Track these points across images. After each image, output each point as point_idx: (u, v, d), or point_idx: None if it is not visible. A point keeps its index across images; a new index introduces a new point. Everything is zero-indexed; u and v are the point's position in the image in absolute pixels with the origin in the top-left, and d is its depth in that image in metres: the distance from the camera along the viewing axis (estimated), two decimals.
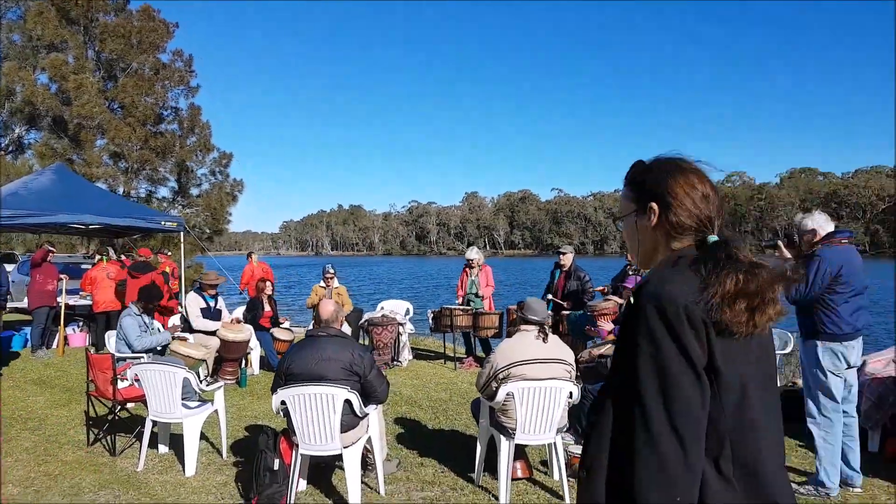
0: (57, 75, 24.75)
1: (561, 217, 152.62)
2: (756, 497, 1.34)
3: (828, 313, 4.28)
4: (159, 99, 26.79)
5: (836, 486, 4.36)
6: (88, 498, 4.37)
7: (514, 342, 4.43)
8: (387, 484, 4.59)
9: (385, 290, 34.74)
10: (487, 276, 9.41)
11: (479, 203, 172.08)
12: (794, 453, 5.39)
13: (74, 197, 10.92)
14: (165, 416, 4.94)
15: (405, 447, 5.50)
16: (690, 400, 1.28)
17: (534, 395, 4.24)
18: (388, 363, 8.88)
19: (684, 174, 1.54)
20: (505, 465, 4.30)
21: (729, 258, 1.36)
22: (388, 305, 10.27)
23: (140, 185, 27.98)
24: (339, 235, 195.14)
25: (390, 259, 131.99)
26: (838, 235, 4.37)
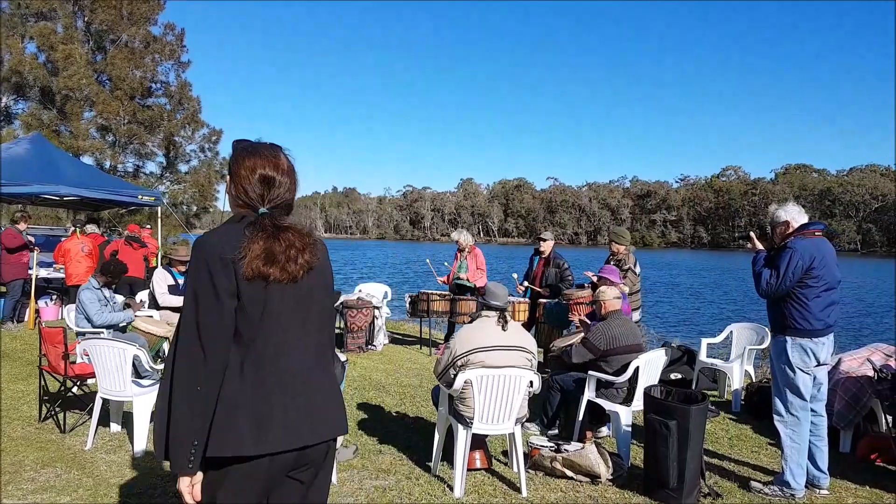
0: (45, 45, 24.33)
1: (555, 206, 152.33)
2: (262, 385, 1.86)
3: (798, 308, 4.15)
4: (148, 72, 26.39)
5: (802, 487, 4.25)
6: (28, 476, 4.20)
7: (473, 328, 4.28)
8: (340, 471, 4.45)
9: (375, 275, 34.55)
10: (477, 259, 9.06)
11: (475, 190, 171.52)
12: (764, 451, 5.28)
13: (50, 168, 10.71)
14: (116, 394, 4.78)
15: (366, 433, 5.36)
16: (213, 318, 1.79)
17: (492, 383, 4.10)
18: (362, 347, 8.73)
19: (251, 158, 1.99)
20: (461, 455, 4.16)
21: (266, 226, 1.89)
22: (365, 288, 10.10)
23: (127, 160, 27.63)
24: (333, 217, 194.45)
25: (384, 243, 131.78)
26: (811, 227, 4.23)
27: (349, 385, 6.91)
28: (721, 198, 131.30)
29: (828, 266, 4.15)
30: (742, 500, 4.24)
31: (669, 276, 41.35)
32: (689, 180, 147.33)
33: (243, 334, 1.85)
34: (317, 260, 1.99)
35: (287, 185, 2.02)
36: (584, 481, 4.42)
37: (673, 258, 74.01)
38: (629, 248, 7.43)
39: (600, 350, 5.06)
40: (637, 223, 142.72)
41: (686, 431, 4.07)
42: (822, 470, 4.36)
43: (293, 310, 1.94)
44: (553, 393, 5.38)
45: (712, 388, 7.28)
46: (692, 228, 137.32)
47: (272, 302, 1.88)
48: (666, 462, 4.10)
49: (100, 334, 6.00)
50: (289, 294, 1.92)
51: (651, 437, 4.24)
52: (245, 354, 1.86)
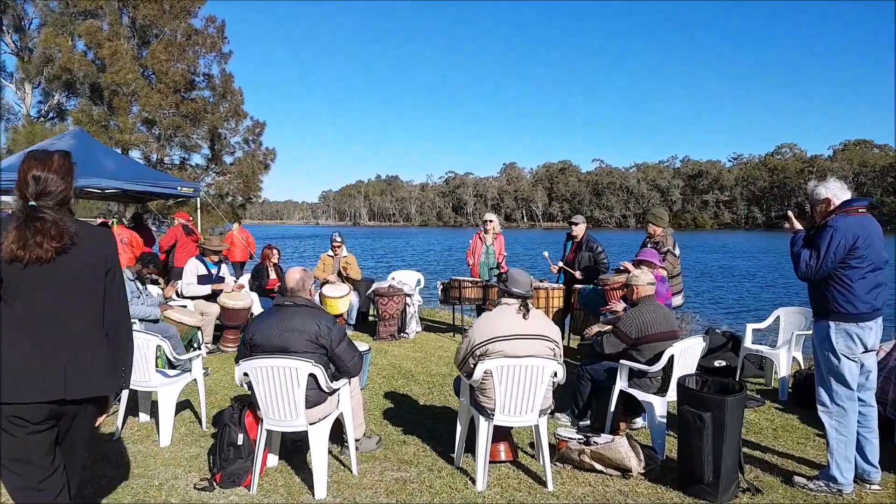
0: (92, 42, 24.95)
1: (602, 189, 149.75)
2: (17, 346, 2.31)
3: (842, 291, 3.85)
4: (191, 65, 26.84)
5: (850, 482, 3.96)
6: None
7: (493, 316, 4.11)
8: (362, 462, 4.36)
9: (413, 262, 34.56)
10: (500, 246, 9.03)
11: (518, 174, 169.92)
12: (811, 443, 4.98)
13: (92, 162, 10.91)
14: (141, 385, 4.78)
15: (391, 423, 5.25)
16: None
17: (513, 374, 3.93)
18: (394, 335, 8.65)
19: (27, 161, 2.39)
20: (483, 447, 4.02)
21: (20, 217, 2.28)
22: (398, 276, 10.00)
23: (173, 152, 28.20)
24: (377, 206, 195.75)
25: (426, 230, 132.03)
26: (854, 204, 3.89)
27: (378, 374, 6.82)
28: (776, 176, 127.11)
29: (873, 245, 3.82)
30: (784, 496, 3.98)
31: (721, 258, 40.22)
32: (743, 159, 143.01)
33: (8, 303, 2.31)
34: (72, 245, 2.35)
35: (56, 182, 2.38)
36: (614, 475, 4.22)
37: (726, 240, 72.07)
38: (667, 230, 7.13)
39: (631, 338, 4.82)
40: (688, 204, 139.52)
41: (722, 424, 3.84)
42: (872, 463, 4.06)
43: (56, 285, 2.35)
44: (583, 382, 5.17)
45: (759, 375, 6.96)
46: (746, 209, 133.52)
47: (28, 277, 2.30)
48: (700, 456, 3.88)
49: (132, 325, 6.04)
50: (46, 272, 2.32)
51: (685, 429, 4.02)
52: (10, 321, 2.30)
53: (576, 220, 8.34)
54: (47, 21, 26.80)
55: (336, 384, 4.06)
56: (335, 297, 8.46)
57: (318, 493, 3.84)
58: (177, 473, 4.17)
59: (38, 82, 27.85)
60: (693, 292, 20.55)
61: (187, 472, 4.19)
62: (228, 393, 5.95)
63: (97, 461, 4.34)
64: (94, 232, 2.56)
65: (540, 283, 8.29)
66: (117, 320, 2.58)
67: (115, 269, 2.57)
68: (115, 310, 2.57)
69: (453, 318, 9.63)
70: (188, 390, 5.35)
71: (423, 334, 9.28)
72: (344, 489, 3.98)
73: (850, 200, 3.92)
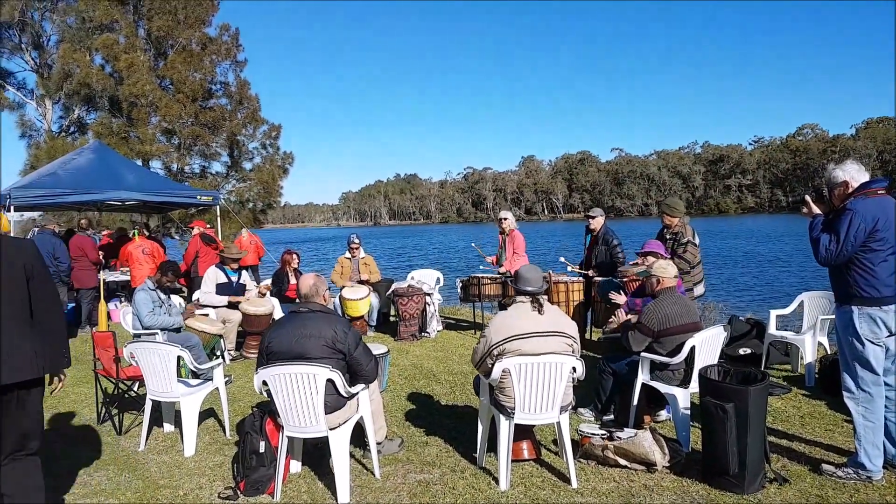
0: (109, 55, 25.23)
1: (622, 178, 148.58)
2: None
3: (863, 274, 3.76)
4: (207, 74, 27.03)
5: (879, 468, 3.89)
6: (82, 479, 4.30)
7: (508, 315, 4.08)
8: (385, 465, 4.37)
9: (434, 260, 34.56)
10: (514, 242, 8.77)
11: (536, 167, 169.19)
12: (839, 429, 4.89)
13: (111, 174, 11.07)
14: (163, 395, 4.83)
15: (413, 425, 5.26)
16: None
17: (531, 372, 3.90)
18: (415, 335, 8.65)
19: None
20: (505, 446, 4.00)
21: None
22: (417, 275, 10.00)
23: (194, 162, 28.46)
24: (397, 205, 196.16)
25: (447, 227, 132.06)
26: (873, 185, 3.78)
27: (399, 374, 6.83)
28: (799, 158, 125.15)
29: (894, 227, 3.73)
30: (812, 484, 3.91)
31: (745, 244, 39.69)
32: (764, 141, 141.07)
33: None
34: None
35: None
36: (638, 470, 4.18)
37: (751, 224, 71.13)
38: (684, 219, 7.02)
39: (653, 331, 4.76)
40: (711, 190, 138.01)
41: (745, 414, 3.78)
42: None
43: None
44: (605, 377, 5.13)
45: (784, 362, 6.85)
46: (769, 192, 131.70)
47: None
48: (725, 448, 3.82)
49: (155, 336, 6.11)
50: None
51: (708, 421, 3.96)
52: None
53: (593, 213, 8.24)
54: (65, 37, 27.16)
55: (354, 388, 4.06)
56: (355, 299, 8.48)
57: (340, 497, 3.86)
58: (201, 483, 4.21)
59: (59, 98, 28.25)
60: (717, 279, 20.30)
61: (212, 482, 4.23)
62: (252, 400, 6.00)
63: (124, 472, 4.40)
64: (15, 244, 3.14)
65: (559, 277, 8.24)
66: (45, 311, 3.13)
67: (37, 275, 3.11)
68: (43, 304, 3.12)
69: (474, 315, 9.62)
70: (211, 398, 5.40)
71: (445, 333, 9.27)
72: (367, 493, 3.99)
73: (869, 182, 3.83)
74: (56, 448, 4.88)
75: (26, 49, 28.59)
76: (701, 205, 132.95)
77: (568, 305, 7.91)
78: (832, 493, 3.78)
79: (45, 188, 9.97)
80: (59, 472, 4.42)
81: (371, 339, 8.28)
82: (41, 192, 9.85)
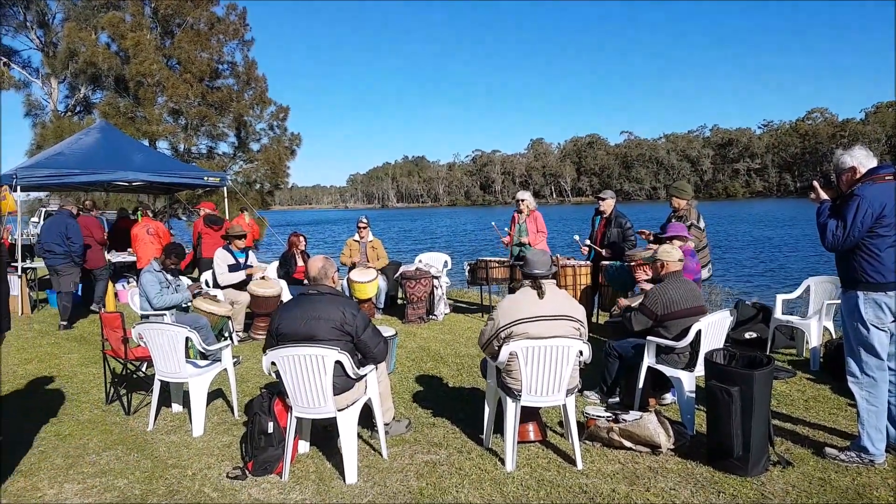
0: (115, 34, 25.13)
1: (631, 161, 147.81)
2: None
3: (870, 260, 3.77)
4: (215, 53, 26.90)
5: (882, 452, 3.91)
6: (91, 459, 4.35)
7: (516, 299, 4.10)
8: (392, 446, 4.41)
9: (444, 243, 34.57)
10: (537, 221, 8.82)
11: (545, 150, 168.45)
12: (843, 413, 4.91)
13: (118, 155, 11.08)
14: (172, 376, 4.88)
15: (420, 406, 5.30)
16: None
17: (538, 355, 3.92)
18: (422, 317, 8.69)
19: None
20: (511, 428, 4.03)
21: None
22: (425, 258, 10.02)
23: (200, 142, 28.43)
24: (405, 187, 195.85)
25: (455, 210, 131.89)
26: (881, 171, 3.77)
27: (407, 357, 6.87)
28: (807, 142, 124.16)
29: None
30: (815, 467, 3.94)
31: (752, 228, 39.51)
32: (773, 125, 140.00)
33: None
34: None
35: None
36: (643, 452, 4.21)
37: (759, 208, 70.76)
38: (691, 203, 7.02)
39: (657, 314, 4.78)
40: (719, 174, 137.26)
41: (750, 398, 3.80)
42: None
43: None
44: (611, 360, 5.15)
45: (790, 346, 6.86)
46: (778, 176, 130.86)
47: None
48: (729, 431, 3.85)
49: (163, 317, 6.15)
50: None
51: (713, 404, 3.98)
52: None
53: (604, 195, 8.24)
54: (70, 15, 27.04)
55: (363, 370, 4.09)
56: (364, 281, 8.51)
57: (348, 478, 3.90)
58: (210, 463, 4.26)
59: (64, 77, 28.20)
60: (724, 264, 20.25)
61: (220, 462, 4.28)
62: (260, 381, 6.05)
63: (132, 452, 4.46)
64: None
65: (567, 261, 8.25)
66: None
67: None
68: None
69: (481, 299, 9.64)
70: (220, 379, 5.45)
71: (452, 316, 9.31)
72: (374, 473, 4.03)
73: (877, 168, 3.82)
74: (64, 428, 4.94)
75: (31, 27, 28.52)
76: (709, 188, 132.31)
77: (575, 289, 7.92)
78: (835, 476, 3.81)
79: (51, 168, 9.99)
80: (68, 451, 4.48)
81: (379, 322, 8.32)
82: (48, 172, 9.88)
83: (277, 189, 31.40)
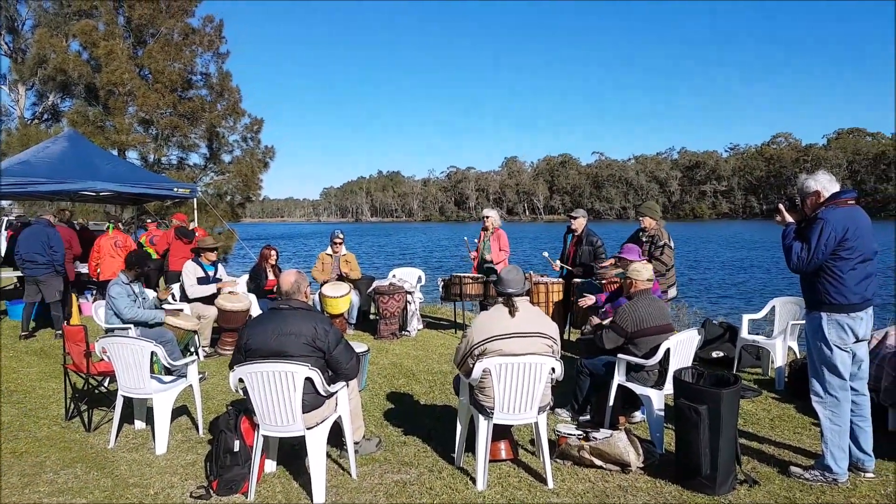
0: (87, 42, 24.78)
1: (602, 181, 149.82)
2: None
3: (833, 282, 3.86)
4: (188, 64, 26.63)
5: (844, 470, 3.98)
6: (48, 478, 4.21)
7: (490, 316, 4.11)
8: (362, 465, 4.35)
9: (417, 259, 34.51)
10: (500, 240, 8.92)
11: (519, 168, 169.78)
12: (807, 432, 4.98)
13: (85, 164, 10.86)
14: (135, 392, 4.76)
15: (391, 424, 5.24)
16: None
17: (512, 372, 3.92)
18: (395, 333, 8.63)
19: None
20: (483, 446, 4.01)
21: None
22: (399, 273, 9.97)
23: (171, 153, 28.05)
24: (379, 202, 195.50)
25: (429, 225, 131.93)
26: (844, 196, 3.90)
27: (378, 373, 6.81)
28: (772, 166, 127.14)
29: (862, 237, 3.84)
30: (781, 486, 3.99)
31: (719, 249, 40.15)
32: (739, 149, 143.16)
33: None
34: None
35: None
36: (613, 470, 4.22)
37: (725, 230, 71.96)
38: (661, 223, 7.11)
39: (627, 332, 4.82)
40: (687, 195, 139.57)
41: (718, 416, 3.84)
42: (866, 451, 4.09)
43: None
44: (582, 378, 5.16)
45: (756, 365, 6.95)
46: (743, 198, 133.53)
47: None
48: (697, 449, 3.88)
49: (127, 331, 6.01)
50: None
51: (681, 423, 4.02)
52: None
53: (575, 213, 8.33)
54: (41, 22, 26.63)
55: (333, 387, 4.04)
56: (336, 296, 8.44)
57: (316, 498, 3.83)
58: (173, 482, 4.15)
59: (32, 84, 27.71)
60: (692, 284, 20.53)
61: (184, 480, 4.17)
62: (226, 397, 5.93)
63: (92, 470, 4.33)
64: None
65: (540, 279, 8.29)
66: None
67: None
68: None
69: (455, 315, 9.62)
70: (185, 396, 5.33)
71: (425, 332, 9.26)
72: (343, 493, 3.97)
73: (840, 192, 3.94)
74: (21, 445, 4.78)
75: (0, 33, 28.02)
76: (677, 209, 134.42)
77: (548, 306, 7.95)
78: (800, 495, 3.86)
79: (16, 176, 9.74)
80: (24, 470, 4.33)
81: (350, 337, 8.25)
82: (13, 181, 9.63)
83: (249, 201, 31.07)
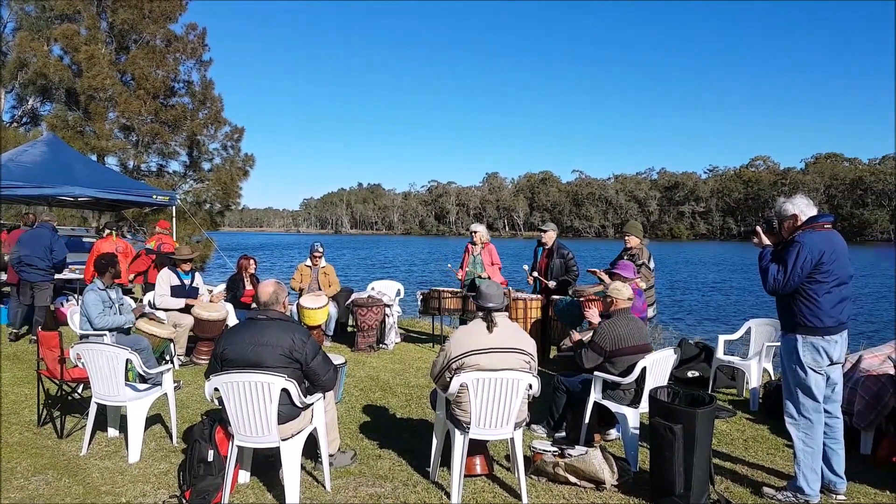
0: (69, 46, 24.58)
1: (582, 199, 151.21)
2: None
3: (808, 305, 3.93)
4: (171, 71, 26.51)
5: (816, 492, 4.03)
6: (18, 484, 4.14)
7: (469, 329, 4.11)
8: (336, 478, 4.32)
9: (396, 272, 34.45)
10: (492, 254, 8.99)
11: (500, 184, 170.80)
12: (780, 453, 5.04)
13: (64, 169, 10.77)
14: (109, 399, 4.70)
15: (367, 437, 5.22)
16: None
17: (488, 387, 3.93)
18: (372, 346, 8.60)
19: None
20: (458, 461, 4.01)
21: None
22: (377, 286, 9.96)
23: (151, 159, 27.83)
24: (359, 214, 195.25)
25: (409, 239, 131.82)
26: (820, 220, 3.99)
27: (355, 386, 6.78)
28: (750, 188, 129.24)
29: (838, 260, 3.92)
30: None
31: (696, 270, 40.60)
32: (718, 171, 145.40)
33: None
34: None
35: None
36: (588, 487, 4.23)
37: (702, 251, 72.80)
38: (643, 242, 7.21)
39: (606, 350, 4.86)
40: (665, 215, 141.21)
41: (692, 436, 3.87)
42: (838, 474, 4.13)
43: None
44: (559, 394, 5.19)
45: (731, 385, 7.03)
46: (721, 220, 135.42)
47: None
48: (672, 468, 3.90)
49: (103, 337, 5.94)
50: None
51: (656, 441, 4.04)
52: None
53: (545, 227, 8.46)
54: (23, 25, 26.39)
55: (310, 399, 4.02)
56: (313, 308, 8.40)
57: None
58: (145, 490, 4.10)
59: (12, 87, 27.40)
60: (669, 303, 20.72)
61: (156, 489, 4.12)
62: (200, 407, 5.86)
63: (63, 477, 4.26)
64: None
65: (518, 294, 8.32)
66: None
67: None
68: None
69: (433, 329, 9.61)
70: (159, 404, 5.27)
71: (403, 345, 9.24)
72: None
73: (816, 216, 4.02)
74: None
75: None
76: (655, 229, 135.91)
77: (526, 322, 7.97)
78: None
79: None
80: None
81: (328, 350, 8.20)
82: None
83: (228, 210, 30.88)
